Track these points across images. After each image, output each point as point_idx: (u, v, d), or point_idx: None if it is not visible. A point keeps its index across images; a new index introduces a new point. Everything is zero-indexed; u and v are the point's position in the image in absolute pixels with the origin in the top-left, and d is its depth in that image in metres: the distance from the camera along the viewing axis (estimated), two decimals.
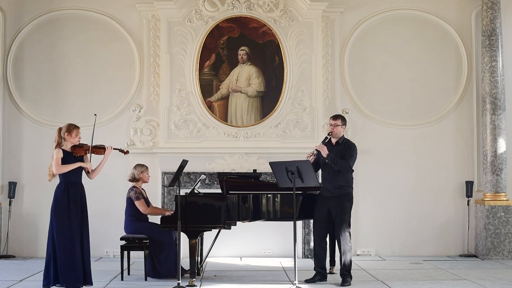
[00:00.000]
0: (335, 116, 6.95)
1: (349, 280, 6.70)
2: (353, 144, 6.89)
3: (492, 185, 8.95)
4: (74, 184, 6.16)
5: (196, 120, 9.02)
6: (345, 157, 6.74)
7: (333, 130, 6.83)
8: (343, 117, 6.97)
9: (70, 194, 6.10)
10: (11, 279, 7.07)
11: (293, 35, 9.12)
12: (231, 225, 7.04)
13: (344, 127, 6.91)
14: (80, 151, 6.24)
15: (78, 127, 6.27)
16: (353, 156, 6.79)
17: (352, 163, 6.79)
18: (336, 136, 6.86)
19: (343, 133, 6.92)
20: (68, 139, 6.19)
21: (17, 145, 9.14)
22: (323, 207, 6.79)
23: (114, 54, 9.22)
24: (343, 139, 6.89)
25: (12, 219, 8.95)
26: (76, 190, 6.16)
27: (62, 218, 6.03)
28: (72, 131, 6.20)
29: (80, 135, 6.26)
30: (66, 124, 6.32)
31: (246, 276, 7.41)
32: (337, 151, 6.78)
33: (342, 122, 6.87)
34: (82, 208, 6.18)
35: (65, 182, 6.14)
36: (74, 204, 6.09)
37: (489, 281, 6.98)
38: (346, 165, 6.72)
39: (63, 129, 6.24)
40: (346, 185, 6.78)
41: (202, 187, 8.68)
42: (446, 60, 9.46)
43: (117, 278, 7.16)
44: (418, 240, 9.27)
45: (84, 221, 6.18)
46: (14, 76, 9.18)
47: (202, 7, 9.04)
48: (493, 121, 9.00)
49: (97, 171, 6.37)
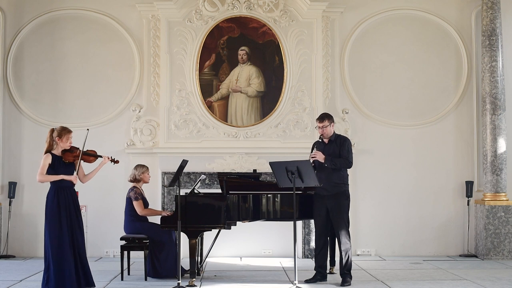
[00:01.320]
0: (321, 118, 6.86)
1: (349, 280, 6.70)
2: (346, 139, 6.90)
3: (492, 185, 8.95)
4: (64, 189, 6.06)
5: (196, 120, 9.02)
6: (342, 154, 6.74)
7: (323, 132, 6.83)
8: (328, 115, 6.90)
9: (60, 199, 6.01)
10: (11, 279, 7.07)
11: (293, 35, 9.12)
12: (231, 225, 7.04)
13: (333, 124, 6.88)
14: (70, 156, 6.12)
15: (70, 132, 6.15)
16: (350, 151, 6.82)
17: (351, 157, 6.81)
18: (327, 136, 6.86)
19: (333, 130, 6.90)
20: (58, 143, 6.09)
21: (17, 145, 9.14)
22: (321, 206, 6.79)
23: (114, 54, 9.22)
24: (334, 136, 6.89)
25: (12, 219, 8.95)
26: (67, 194, 6.07)
27: (54, 222, 5.96)
28: (63, 135, 6.09)
29: (71, 140, 6.14)
30: (59, 127, 6.21)
31: (246, 276, 7.40)
32: (331, 149, 6.79)
33: (329, 121, 6.83)
34: (74, 212, 6.09)
35: (55, 187, 6.07)
36: (64, 208, 6.01)
37: (489, 281, 6.97)
38: (346, 161, 6.75)
39: (54, 132, 6.12)
40: (342, 183, 6.77)
41: (202, 187, 8.68)
42: (446, 60, 9.46)
43: (117, 278, 7.16)
44: (418, 240, 9.27)
45: (77, 225, 6.09)
46: (14, 76, 9.18)
47: (202, 7, 9.04)
48: (493, 121, 9.00)
49: (89, 176, 6.29)
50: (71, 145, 6.15)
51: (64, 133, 6.11)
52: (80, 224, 6.17)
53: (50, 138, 6.13)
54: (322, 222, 6.82)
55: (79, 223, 6.14)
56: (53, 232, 5.96)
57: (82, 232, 6.18)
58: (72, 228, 6.04)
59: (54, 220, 5.98)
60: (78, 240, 6.09)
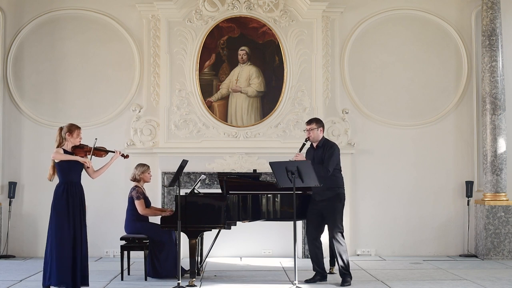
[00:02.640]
0: (309, 121, 6.89)
1: (349, 280, 6.69)
2: (333, 144, 6.84)
3: (492, 185, 8.95)
4: (73, 184, 6.14)
5: (196, 120, 9.02)
6: (325, 160, 6.69)
7: (310, 135, 6.81)
8: (317, 119, 6.91)
9: (70, 194, 6.08)
10: (11, 279, 7.07)
11: (293, 35, 9.12)
12: (231, 225, 7.04)
13: (321, 129, 6.85)
14: (80, 152, 6.21)
15: (79, 128, 6.27)
16: (333, 157, 6.68)
17: (332, 164, 6.66)
18: (315, 140, 6.83)
19: (321, 135, 6.86)
20: (69, 139, 6.19)
21: (17, 145, 9.14)
22: (314, 210, 6.80)
23: (114, 54, 9.23)
24: (323, 141, 6.85)
25: (12, 219, 8.95)
26: (76, 190, 6.14)
27: (61, 217, 6.02)
28: (73, 131, 6.19)
29: (81, 136, 6.26)
30: (68, 124, 6.31)
31: (246, 276, 7.41)
32: (318, 154, 6.76)
33: (317, 125, 6.82)
34: (81, 208, 6.15)
35: (64, 182, 6.13)
36: (73, 204, 6.08)
37: (489, 281, 6.98)
38: (324, 169, 6.62)
39: (64, 129, 6.22)
40: (336, 187, 6.74)
41: (202, 187, 8.68)
42: (446, 60, 9.46)
43: (117, 278, 7.16)
44: (418, 240, 9.27)
45: (82, 222, 6.15)
46: (14, 76, 9.18)
47: (202, 7, 9.04)
48: (493, 121, 9.00)
49: (100, 171, 6.35)
50: (81, 141, 6.23)
51: (74, 129, 6.21)
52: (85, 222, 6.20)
53: (59, 136, 6.22)
54: (313, 224, 6.82)
55: (84, 221, 6.19)
56: (58, 227, 5.99)
57: (85, 231, 6.20)
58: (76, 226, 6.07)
59: (61, 215, 6.02)
60: (82, 238, 6.12)
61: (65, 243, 5.99)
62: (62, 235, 6.00)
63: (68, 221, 6.02)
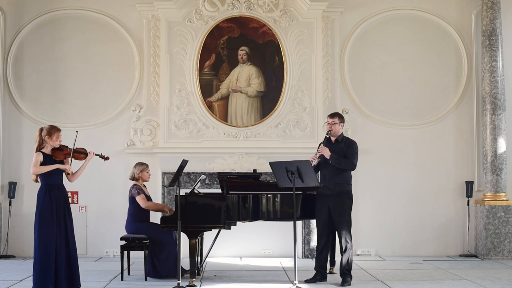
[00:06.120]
0: (332, 114, 6.93)
1: (349, 280, 6.69)
2: (354, 142, 6.91)
3: (492, 185, 8.95)
4: (56, 186, 6.03)
5: (196, 120, 9.02)
6: (348, 156, 6.74)
7: (331, 128, 6.84)
8: (340, 114, 6.96)
9: (53, 197, 5.97)
10: (11, 279, 7.07)
11: (293, 35, 9.12)
12: (231, 225, 7.05)
13: (342, 125, 6.90)
14: (60, 154, 6.09)
15: (59, 130, 6.11)
16: (356, 154, 6.82)
17: (356, 160, 6.81)
18: (335, 134, 6.86)
19: (341, 130, 6.91)
20: (48, 141, 6.04)
21: (17, 145, 9.14)
22: (323, 206, 6.78)
23: (114, 54, 9.23)
24: (342, 137, 6.89)
25: (12, 219, 8.95)
26: (59, 192, 6.03)
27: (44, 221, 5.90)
28: (53, 134, 6.04)
29: (61, 138, 6.10)
30: (48, 125, 6.18)
31: (246, 276, 7.41)
32: (337, 149, 6.78)
33: (339, 119, 6.87)
34: (65, 210, 6.04)
35: (46, 184, 6.02)
36: (57, 206, 5.97)
37: (489, 281, 6.98)
38: (350, 163, 6.74)
39: (44, 131, 6.08)
40: (345, 183, 6.78)
41: (202, 187, 8.68)
42: (446, 60, 9.46)
43: (117, 278, 7.16)
44: (418, 240, 9.27)
45: (68, 224, 6.04)
46: (14, 76, 9.18)
47: (202, 7, 9.04)
48: (493, 121, 9.00)
49: (77, 174, 6.21)
50: (60, 143, 6.12)
51: (54, 131, 6.07)
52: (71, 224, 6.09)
53: (39, 137, 6.09)
54: (323, 222, 6.81)
55: (70, 223, 6.07)
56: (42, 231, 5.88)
57: (72, 232, 6.09)
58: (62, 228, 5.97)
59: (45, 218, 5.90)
60: (69, 240, 6.02)
61: (49, 247, 5.86)
62: (47, 239, 5.87)
63: (51, 225, 5.90)
